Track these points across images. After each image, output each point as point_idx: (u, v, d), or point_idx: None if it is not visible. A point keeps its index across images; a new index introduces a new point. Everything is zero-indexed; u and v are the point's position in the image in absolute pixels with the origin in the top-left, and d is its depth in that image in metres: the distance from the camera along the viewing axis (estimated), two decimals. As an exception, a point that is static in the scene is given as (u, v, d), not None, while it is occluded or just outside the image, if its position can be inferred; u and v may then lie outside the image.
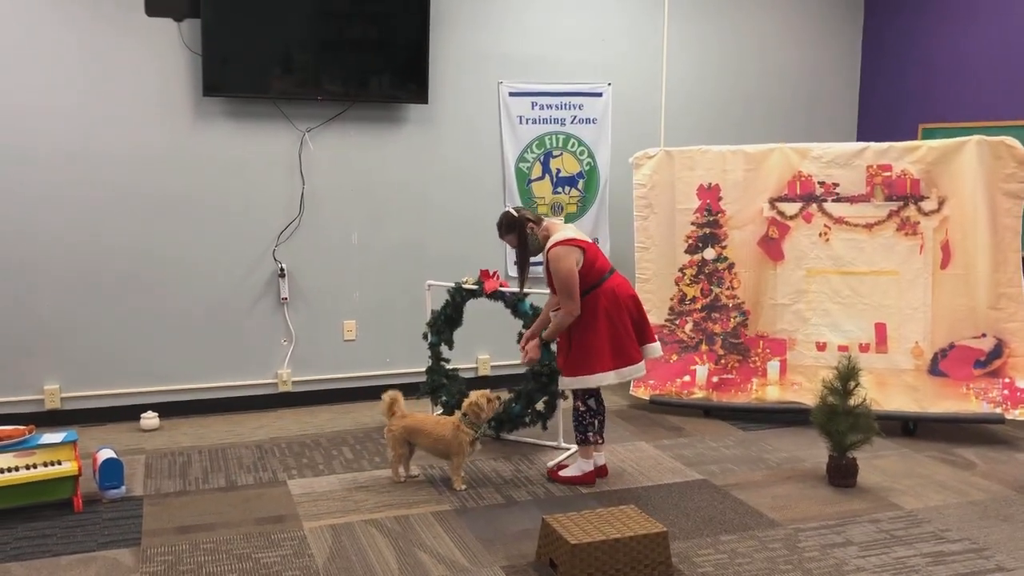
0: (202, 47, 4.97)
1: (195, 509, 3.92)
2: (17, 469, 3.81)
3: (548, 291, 4.38)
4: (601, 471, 4.33)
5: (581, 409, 4.24)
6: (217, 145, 5.21)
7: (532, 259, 4.35)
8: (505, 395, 4.65)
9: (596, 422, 4.30)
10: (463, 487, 4.16)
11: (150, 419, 5.05)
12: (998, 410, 4.84)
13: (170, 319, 5.23)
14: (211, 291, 5.30)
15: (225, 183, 5.25)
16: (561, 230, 4.16)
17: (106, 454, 4.07)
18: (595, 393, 4.29)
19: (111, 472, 4.02)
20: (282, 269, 5.39)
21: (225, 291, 5.33)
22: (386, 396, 4.26)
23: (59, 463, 3.88)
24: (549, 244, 4.12)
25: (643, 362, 4.24)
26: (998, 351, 4.95)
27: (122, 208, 5.07)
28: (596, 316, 4.08)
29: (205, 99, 5.11)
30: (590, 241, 4.19)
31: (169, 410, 5.25)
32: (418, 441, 4.22)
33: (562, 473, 4.30)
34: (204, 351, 5.33)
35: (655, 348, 4.33)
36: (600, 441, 4.34)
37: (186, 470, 4.42)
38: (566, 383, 4.21)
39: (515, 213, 4.24)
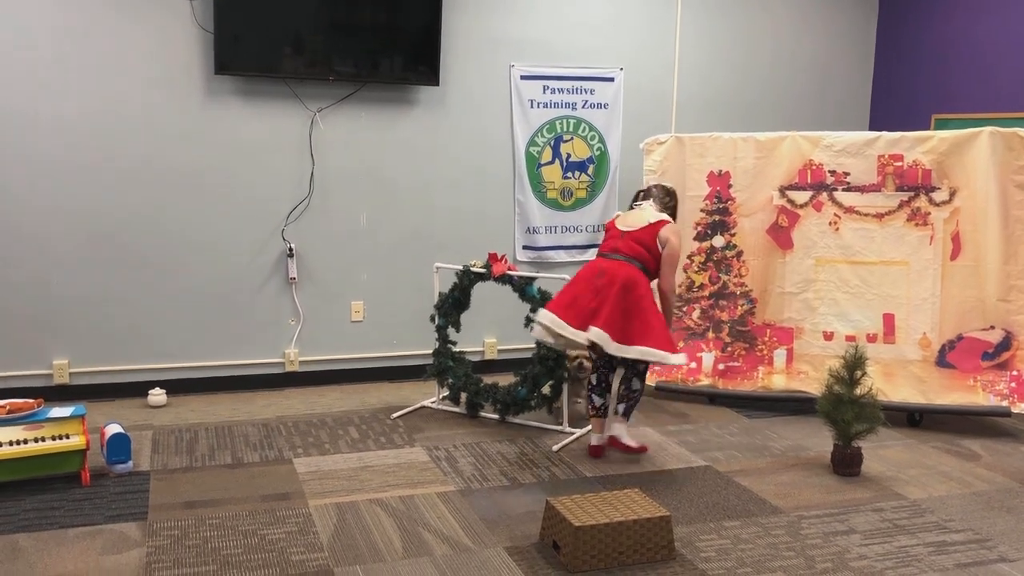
0: (214, 25, 4.96)
1: (201, 485, 3.95)
2: (26, 442, 3.84)
3: (558, 276, 4.74)
4: (616, 443, 4.41)
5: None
6: (228, 124, 5.21)
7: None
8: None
9: (593, 396, 4.45)
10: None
11: (158, 395, 5.08)
12: (1005, 403, 4.84)
13: (179, 297, 5.25)
14: (220, 269, 5.32)
15: (236, 162, 5.26)
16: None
17: (114, 429, 4.10)
18: (597, 369, 4.48)
19: (118, 447, 4.05)
20: (291, 249, 5.40)
21: (234, 270, 5.35)
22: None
23: (67, 437, 3.91)
24: None
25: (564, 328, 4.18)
26: (1007, 343, 4.93)
27: (133, 186, 5.08)
28: None
29: (217, 77, 5.11)
30: (623, 229, 4.40)
31: (177, 387, 5.28)
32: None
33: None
34: (212, 329, 5.35)
35: (597, 334, 4.11)
36: (625, 416, 4.44)
37: (193, 446, 4.44)
38: None
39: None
